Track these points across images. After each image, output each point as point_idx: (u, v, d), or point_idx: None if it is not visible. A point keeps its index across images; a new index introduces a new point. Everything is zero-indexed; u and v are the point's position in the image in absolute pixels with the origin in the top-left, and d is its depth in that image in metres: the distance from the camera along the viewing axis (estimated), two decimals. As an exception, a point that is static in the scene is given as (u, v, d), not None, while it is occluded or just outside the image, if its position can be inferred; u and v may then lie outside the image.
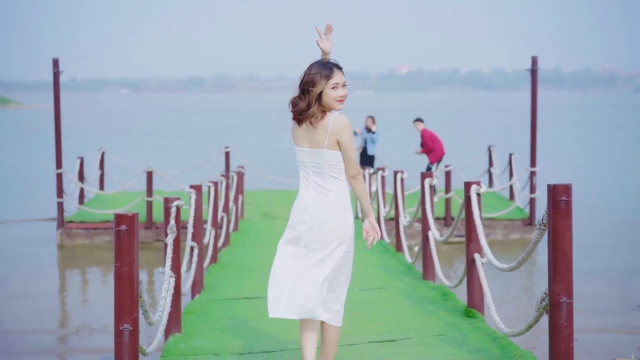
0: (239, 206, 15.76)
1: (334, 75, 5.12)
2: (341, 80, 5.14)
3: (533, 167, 17.49)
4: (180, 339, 6.82)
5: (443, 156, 18.94)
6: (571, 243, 5.00)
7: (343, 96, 5.15)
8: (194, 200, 8.11)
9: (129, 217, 4.91)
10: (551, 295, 5.02)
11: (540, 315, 5.31)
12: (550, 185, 4.99)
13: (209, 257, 10.80)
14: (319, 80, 5.08)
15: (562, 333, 5.00)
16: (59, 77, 16.47)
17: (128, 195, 19.79)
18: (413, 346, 6.30)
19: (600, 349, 9.66)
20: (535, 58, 17.01)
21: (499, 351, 5.98)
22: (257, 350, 6.36)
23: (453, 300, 7.89)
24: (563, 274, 4.98)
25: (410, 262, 10.51)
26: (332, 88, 5.12)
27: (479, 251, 7.07)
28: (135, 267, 4.94)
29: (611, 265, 15.02)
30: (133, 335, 4.94)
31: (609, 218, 20.75)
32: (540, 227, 5.22)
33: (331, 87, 5.12)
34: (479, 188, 7.05)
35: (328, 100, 5.12)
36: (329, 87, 5.11)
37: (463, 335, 6.53)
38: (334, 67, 5.16)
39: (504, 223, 17.19)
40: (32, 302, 12.52)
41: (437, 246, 15.68)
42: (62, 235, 16.87)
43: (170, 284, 6.63)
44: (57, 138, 16.70)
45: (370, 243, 5.19)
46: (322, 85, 5.09)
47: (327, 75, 5.10)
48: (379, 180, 13.64)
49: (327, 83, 5.11)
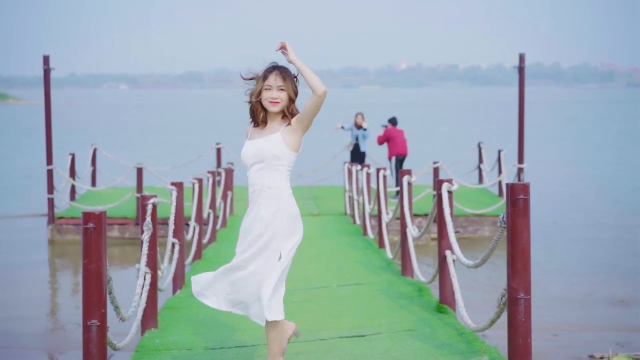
0: (227, 202, 15.85)
1: (270, 76, 5.24)
2: (276, 83, 5.22)
3: (520, 163, 17.62)
4: (155, 334, 6.94)
5: (404, 156, 18.87)
6: (529, 240, 5.11)
7: (275, 98, 5.22)
8: (175, 197, 8.23)
9: (97, 215, 5.02)
10: (509, 291, 5.14)
11: (502, 310, 5.43)
12: (509, 184, 5.11)
13: (192, 253, 10.91)
14: (257, 80, 5.28)
15: (519, 328, 5.12)
16: (49, 74, 16.58)
17: (119, 191, 19.90)
18: (382, 341, 6.42)
19: (578, 344, 9.79)
20: (522, 55, 17.13)
21: (465, 346, 6.11)
22: (229, 345, 6.48)
23: (427, 296, 8.02)
24: (521, 270, 5.10)
25: (391, 258, 10.63)
26: (266, 89, 5.25)
27: (449, 248, 7.19)
28: (103, 264, 5.05)
29: (591, 260, 15.14)
30: (101, 330, 5.05)
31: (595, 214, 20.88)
32: (501, 225, 5.34)
33: (265, 88, 5.25)
34: (450, 186, 7.17)
35: (263, 101, 5.27)
36: (263, 87, 5.27)
37: (432, 331, 6.65)
38: (274, 70, 5.27)
39: (492, 219, 17.29)
40: (22, 298, 12.64)
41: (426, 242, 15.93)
42: (53, 230, 17.00)
43: (145, 280, 6.75)
44: (47, 134, 16.84)
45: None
46: (259, 85, 5.26)
47: (263, 76, 5.27)
48: (364, 177, 13.75)
49: (263, 84, 5.26)
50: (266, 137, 5.25)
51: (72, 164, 19.16)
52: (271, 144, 5.21)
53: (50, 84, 16.70)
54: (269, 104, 5.23)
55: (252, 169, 5.26)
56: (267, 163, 5.21)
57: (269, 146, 5.21)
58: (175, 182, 8.63)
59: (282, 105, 5.24)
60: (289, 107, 5.26)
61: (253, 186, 5.26)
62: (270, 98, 5.22)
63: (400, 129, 19.07)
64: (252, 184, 5.27)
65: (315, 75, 5.17)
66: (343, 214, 17.27)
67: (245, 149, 5.31)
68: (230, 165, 18.07)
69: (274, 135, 5.24)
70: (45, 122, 16.76)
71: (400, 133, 18.88)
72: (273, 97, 5.22)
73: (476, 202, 17.88)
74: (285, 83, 5.23)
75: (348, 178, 17.22)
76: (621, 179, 29.16)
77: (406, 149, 18.89)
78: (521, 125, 17.33)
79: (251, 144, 5.29)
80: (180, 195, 8.50)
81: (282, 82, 5.22)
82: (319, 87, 5.15)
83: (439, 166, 17.45)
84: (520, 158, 17.56)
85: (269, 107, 5.24)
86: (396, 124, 19.10)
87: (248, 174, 5.30)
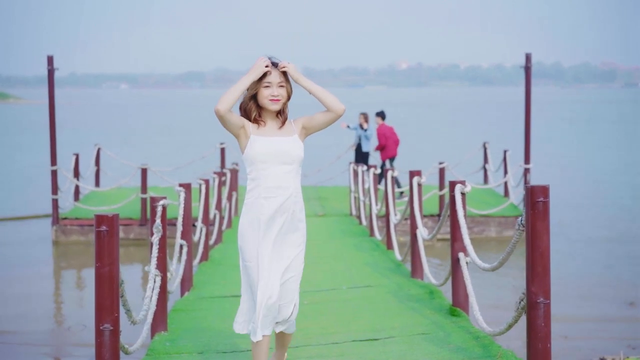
0: (232, 203, 15.78)
1: (269, 73, 5.00)
2: (276, 79, 5.00)
3: (527, 164, 17.53)
4: (166, 337, 6.85)
5: (394, 157, 18.80)
6: (549, 244, 5.03)
7: (276, 95, 5.00)
8: (183, 199, 8.14)
9: (110, 217, 4.94)
10: (529, 295, 5.06)
11: (519, 315, 5.34)
12: (528, 186, 5.02)
13: (199, 254, 10.84)
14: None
15: (539, 333, 5.03)
16: (53, 75, 16.49)
17: (123, 191, 19.83)
18: (396, 345, 6.34)
19: (589, 347, 9.71)
20: (529, 55, 17.03)
21: (481, 350, 6.02)
22: (241, 348, 6.39)
23: (439, 299, 7.93)
24: (540, 274, 5.01)
25: (400, 260, 10.54)
26: (265, 86, 5.01)
27: (463, 250, 7.11)
28: (115, 268, 4.97)
29: (602, 262, 15.06)
30: (113, 334, 4.97)
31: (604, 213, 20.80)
32: (519, 228, 5.26)
33: (264, 86, 5.01)
34: (463, 187, 7.08)
35: (261, 99, 5.02)
36: (262, 85, 5.01)
37: (446, 334, 6.56)
38: (273, 66, 5.03)
39: (498, 220, 17.21)
40: (26, 298, 12.58)
41: (433, 243, 15.84)
42: (57, 231, 16.92)
43: (155, 282, 6.67)
44: (51, 135, 16.76)
45: None
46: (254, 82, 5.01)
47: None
48: (370, 177, 13.67)
49: (261, 80, 5.01)
50: (287, 138, 5.03)
51: (76, 165, 19.09)
52: (297, 147, 5.02)
53: (54, 84, 16.59)
54: (269, 102, 4.99)
55: (273, 170, 4.99)
56: (295, 166, 5.03)
57: (297, 150, 5.02)
58: (183, 184, 8.55)
59: (282, 103, 5.04)
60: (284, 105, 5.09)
61: (280, 189, 4.98)
62: (270, 96, 4.99)
63: (390, 126, 18.98)
64: (279, 186, 4.99)
65: (329, 92, 5.03)
66: (348, 214, 17.19)
67: (260, 145, 4.99)
68: (235, 165, 18.01)
69: (293, 138, 5.05)
70: (49, 123, 16.67)
71: (392, 132, 18.78)
72: (274, 94, 4.99)
73: (482, 203, 17.81)
74: (286, 80, 5.04)
75: (353, 179, 17.14)
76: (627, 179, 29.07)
77: (396, 149, 18.82)
78: (527, 125, 17.24)
79: (268, 141, 5.01)
80: (188, 196, 8.42)
81: (283, 79, 5.02)
82: (338, 105, 5.03)
83: (445, 167, 17.36)
84: (526, 158, 17.47)
85: (268, 105, 5.00)
86: (385, 118, 19.01)
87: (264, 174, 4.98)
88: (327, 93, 5.04)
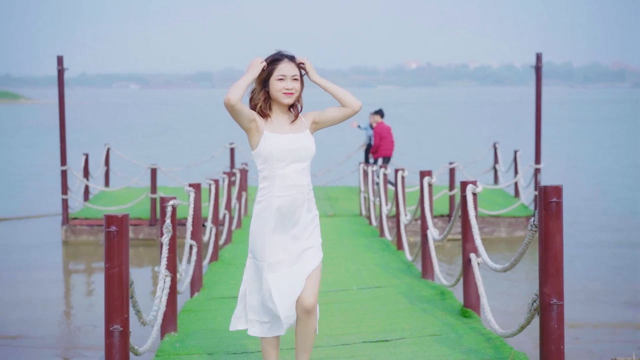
0: (242, 203, 15.76)
1: (282, 65, 4.87)
2: (290, 72, 4.87)
3: (538, 164, 17.44)
4: (176, 338, 6.83)
5: (389, 157, 18.71)
6: (562, 244, 4.97)
7: (291, 89, 4.87)
8: (193, 199, 8.12)
9: (119, 218, 4.91)
10: (541, 296, 5.01)
11: (532, 316, 5.29)
12: (541, 186, 4.97)
13: (209, 254, 10.81)
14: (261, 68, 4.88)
15: (552, 335, 4.98)
16: (63, 75, 16.48)
17: (133, 191, 19.83)
18: (407, 346, 6.29)
19: (601, 349, 9.64)
20: (539, 55, 16.93)
21: (493, 352, 5.97)
22: (251, 350, 6.36)
23: (450, 300, 7.88)
24: (553, 275, 4.96)
25: (410, 261, 10.49)
26: (279, 79, 4.88)
27: (474, 251, 7.05)
28: (125, 268, 4.95)
29: (611, 263, 14.96)
30: (123, 335, 4.94)
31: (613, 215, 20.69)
32: (532, 229, 5.21)
33: (278, 78, 4.88)
34: (474, 187, 7.03)
35: (274, 92, 4.89)
36: (275, 77, 4.88)
37: (458, 336, 6.52)
38: (286, 58, 4.91)
39: (509, 220, 17.12)
40: (36, 299, 12.57)
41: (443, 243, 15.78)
42: (67, 231, 16.92)
43: (165, 283, 6.64)
44: (61, 135, 16.76)
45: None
46: (263, 74, 4.87)
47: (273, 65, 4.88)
48: (381, 177, 13.62)
49: (273, 73, 4.87)
50: (300, 135, 4.93)
51: (85, 164, 19.10)
52: (310, 143, 4.94)
53: (64, 84, 16.60)
54: (283, 96, 4.87)
55: (289, 169, 4.88)
56: (308, 163, 4.95)
57: (311, 146, 4.94)
58: (192, 184, 8.52)
59: (296, 97, 4.92)
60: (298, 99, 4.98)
61: (295, 188, 4.90)
62: (284, 89, 4.86)
63: (388, 126, 18.92)
64: (295, 185, 4.89)
65: (345, 90, 4.98)
66: (358, 214, 17.14)
67: (276, 143, 4.87)
68: (245, 165, 17.98)
69: (305, 134, 4.95)
70: (59, 123, 16.67)
71: (389, 132, 18.73)
72: (288, 87, 4.86)
73: (492, 203, 17.72)
74: (299, 73, 4.93)
75: (363, 179, 17.09)
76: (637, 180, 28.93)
77: (392, 150, 18.74)
78: (538, 125, 17.15)
79: (283, 138, 4.89)
80: (198, 196, 8.40)
81: (297, 72, 4.91)
82: (355, 102, 4.97)
83: (455, 167, 17.29)
84: (537, 158, 17.38)
85: (281, 98, 4.88)
86: (383, 116, 18.96)
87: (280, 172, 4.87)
88: (343, 89, 5.00)
